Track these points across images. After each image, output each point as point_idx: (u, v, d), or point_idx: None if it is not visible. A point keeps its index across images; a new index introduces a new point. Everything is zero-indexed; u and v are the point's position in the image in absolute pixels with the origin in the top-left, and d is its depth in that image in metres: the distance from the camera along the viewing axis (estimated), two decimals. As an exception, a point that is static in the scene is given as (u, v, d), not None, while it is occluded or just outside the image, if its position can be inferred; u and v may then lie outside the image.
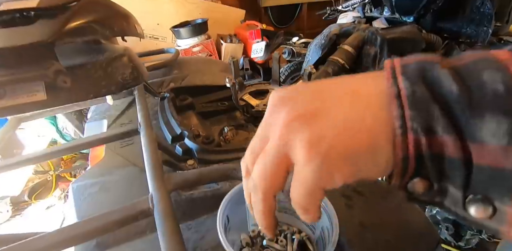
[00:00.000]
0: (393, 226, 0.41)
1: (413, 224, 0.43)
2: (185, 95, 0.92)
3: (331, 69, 1.00)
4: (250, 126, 0.89)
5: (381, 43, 0.96)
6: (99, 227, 0.36)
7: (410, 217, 0.44)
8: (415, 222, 0.44)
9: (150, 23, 2.54)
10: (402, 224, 0.42)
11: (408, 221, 0.43)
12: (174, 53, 1.17)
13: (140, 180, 0.55)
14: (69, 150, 0.55)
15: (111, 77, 0.57)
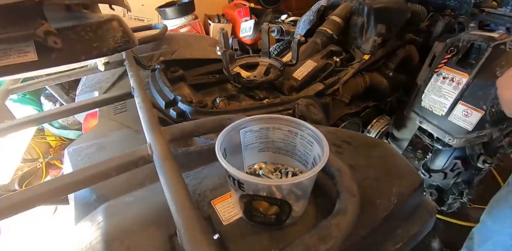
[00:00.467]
0: (379, 168, 0.44)
1: (398, 167, 0.46)
2: (177, 67, 0.92)
3: (319, 40, 1.01)
4: (242, 96, 0.90)
5: (368, 13, 0.97)
6: (100, 172, 0.37)
7: (395, 162, 0.47)
8: (399, 166, 0.47)
9: (134, 5, 2.46)
10: (388, 166, 0.45)
11: (393, 165, 0.46)
12: (162, 28, 1.15)
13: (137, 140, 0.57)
14: (63, 113, 0.56)
15: (102, 39, 0.56)
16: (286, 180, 0.26)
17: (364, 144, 0.50)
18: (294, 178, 0.25)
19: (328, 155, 0.29)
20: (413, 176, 0.45)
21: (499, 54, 1.00)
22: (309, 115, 0.65)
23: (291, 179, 0.25)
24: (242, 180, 0.27)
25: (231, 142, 0.35)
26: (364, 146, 0.49)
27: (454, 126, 1.04)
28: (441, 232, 1.33)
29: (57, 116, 0.55)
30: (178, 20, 2.20)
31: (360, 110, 1.08)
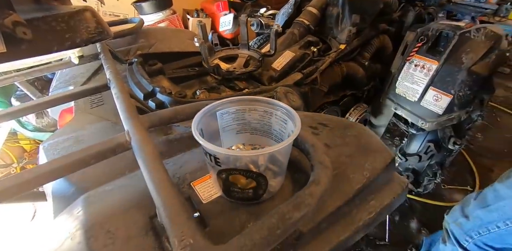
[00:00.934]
0: (354, 146, 0.46)
1: (371, 145, 0.49)
2: (155, 60, 0.91)
3: (297, 31, 1.02)
4: (222, 87, 0.91)
5: (342, 3, 1.00)
6: (78, 160, 0.37)
7: (369, 140, 0.50)
8: (372, 144, 0.49)
9: (109, 0, 2.38)
10: (362, 145, 0.47)
11: (367, 143, 0.49)
12: (138, 22, 1.13)
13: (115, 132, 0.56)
14: (36, 107, 0.54)
15: (75, 30, 0.55)
16: (257, 151, 0.27)
17: (340, 126, 0.52)
18: (266, 149, 0.27)
19: (300, 127, 0.30)
20: (384, 153, 0.48)
21: (464, 42, 1.06)
22: (288, 102, 0.67)
23: (262, 150, 0.27)
24: (217, 154, 0.28)
25: (208, 125, 0.36)
26: (339, 128, 0.51)
27: (426, 111, 1.09)
28: (418, 212, 1.41)
29: (29, 110, 0.54)
30: (155, 15, 2.15)
31: (338, 99, 1.12)
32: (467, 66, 1.03)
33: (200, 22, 0.96)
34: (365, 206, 0.38)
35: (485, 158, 1.76)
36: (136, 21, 1.14)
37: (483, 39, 1.08)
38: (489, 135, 1.95)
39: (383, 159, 0.45)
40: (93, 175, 0.47)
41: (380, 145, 0.50)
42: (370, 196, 0.40)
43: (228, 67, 0.96)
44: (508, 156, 1.79)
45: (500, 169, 1.69)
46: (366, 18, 1.05)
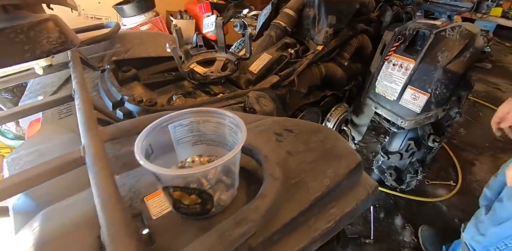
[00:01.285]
0: (318, 152, 0.46)
1: (337, 150, 0.49)
2: (129, 66, 0.90)
3: (274, 33, 1.02)
4: (198, 92, 0.90)
5: (318, 4, 1.00)
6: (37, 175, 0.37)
7: (335, 145, 0.50)
8: (338, 148, 0.49)
9: (90, 2, 2.33)
10: (326, 150, 0.47)
11: (332, 147, 0.49)
12: (114, 26, 1.11)
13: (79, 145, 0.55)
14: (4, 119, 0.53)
15: (35, 41, 0.54)
16: (190, 170, 0.27)
17: (306, 131, 0.52)
18: (199, 168, 0.26)
19: (244, 140, 0.30)
20: (350, 156, 0.48)
21: (440, 40, 1.07)
22: (259, 107, 0.67)
23: (194, 169, 0.26)
24: (152, 171, 0.27)
25: (160, 138, 0.35)
26: (305, 133, 0.51)
27: (405, 110, 1.11)
28: (402, 209, 1.43)
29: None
30: (138, 17, 2.12)
31: (318, 100, 1.12)
32: (442, 64, 1.04)
33: (175, 26, 0.95)
34: (324, 215, 0.38)
35: (468, 152, 1.80)
36: (112, 26, 1.12)
37: (457, 38, 1.09)
38: (471, 129, 1.99)
39: (347, 164, 0.46)
40: (56, 189, 0.47)
41: (346, 149, 0.50)
42: (331, 204, 0.40)
43: (205, 71, 0.96)
44: (490, 150, 1.82)
45: (482, 163, 1.72)
46: (342, 18, 1.05)
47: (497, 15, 3.37)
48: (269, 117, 0.60)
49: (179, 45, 0.95)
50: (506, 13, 3.32)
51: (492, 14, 3.40)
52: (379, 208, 1.43)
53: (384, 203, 1.45)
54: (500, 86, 2.52)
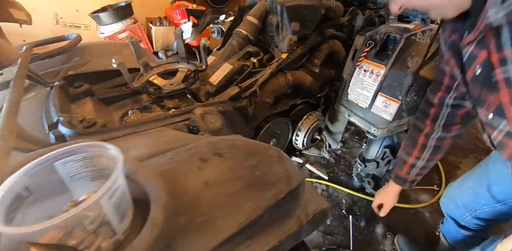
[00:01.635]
0: (244, 180, 0.42)
1: (268, 176, 0.45)
2: (81, 82, 0.86)
3: (235, 42, 0.99)
4: (154, 106, 0.87)
5: (281, 11, 0.96)
6: None
7: (268, 171, 0.46)
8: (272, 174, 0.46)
9: (68, 10, 2.30)
10: (255, 178, 0.44)
11: (263, 174, 0.45)
12: (73, 38, 1.07)
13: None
14: None
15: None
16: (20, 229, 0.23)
17: (240, 154, 0.48)
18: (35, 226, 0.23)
19: (116, 177, 0.27)
20: (282, 184, 0.45)
21: (410, 45, 1.04)
22: (204, 125, 0.63)
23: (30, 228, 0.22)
24: None
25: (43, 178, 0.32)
26: (237, 157, 0.47)
27: (377, 117, 1.07)
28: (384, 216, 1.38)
29: None
30: (115, 25, 2.08)
31: (288, 109, 1.08)
32: (412, 70, 1.00)
33: (132, 38, 0.92)
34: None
35: (452, 155, 1.76)
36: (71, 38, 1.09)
37: (428, 42, 1.06)
38: (457, 131, 1.95)
39: (274, 194, 0.42)
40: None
41: (281, 175, 0.46)
42: (245, 243, 0.36)
43: (165, 83, 0.92)
44: (474, 152, 1.79)
45: (466, 165, 1.69)
46: (307, 25, 1.02)
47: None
48: (205, 137, 0.57)
49: (137, 57, 0.91)
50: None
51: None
52: (359, 216, 1.39)
53: (365, 210, 1.41)
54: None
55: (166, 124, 0.66)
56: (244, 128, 0.88)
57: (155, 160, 0.47)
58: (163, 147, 0.53)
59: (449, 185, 1.01)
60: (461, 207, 0.93)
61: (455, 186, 0.98)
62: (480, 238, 0.95)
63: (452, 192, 0.98)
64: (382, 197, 0.96)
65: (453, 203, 0.96)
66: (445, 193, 1.02)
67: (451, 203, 0.98)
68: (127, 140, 0.58)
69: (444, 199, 1.02)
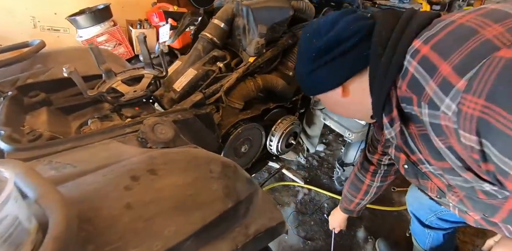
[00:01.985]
0: (170, 201, 0.40)
1: (200, 196, 0.42)
2: (37, 91, 0.83)
3: (201, 46, 0.96)
4: (115, 115, 0.83)
5: (247, 13, 0.93)
6: None
7: (202, 189, 0.44)
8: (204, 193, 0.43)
9: (45, 13, 2.24)
10: (185, 198, 0.41)
11: (197, 193, 0.42)
12: (35, 45, 1.03)
13: None
14: None
15: None
16: None
17: (177, 171, 0.45)
18: None
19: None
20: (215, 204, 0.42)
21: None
22: (153, 136, 0.60)
23: None
24: None
25: None
26: (171, 174, 0.44)
27: (351, 121, 1.05)
28: (366, 220, 1.37)
29: None
30: (93, 28, 2.04)
31: (260, 114, 1.05)
32: (384, 72, 0.98)
33: (91, 44, 0.88)
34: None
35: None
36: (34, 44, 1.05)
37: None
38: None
39: (204, 216, 0.39)
40: None
41: (218, 193, 0.44)
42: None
43: (129, 90, 0.89)
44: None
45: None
46: (276, 27, 0.99)
47: (469, 11, 3.34)
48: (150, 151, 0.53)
49: (98, 64, 0.88)
50: (478, 9, 3.27)
51: (465, 11, 3.36)
52: (341, 220, 1.36)
53: (347, 215, 1.39)
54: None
55: (115, 135, 0.62)
56: (208, 136, 0.85)
57: (83, 179, 0.44)
58: (101, 162, 0.50)
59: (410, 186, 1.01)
60: (425, 207, 0.92)
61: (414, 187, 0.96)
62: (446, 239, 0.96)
63: (417, 192, 0.96)
64: (337, 223, 1.06)
65: (418, 202, 0.95)
66: (410, 191, 1.00)
67: (416, 202, 0.96)
68: (67, 155, 0.55)
69: (409, 198, 1.00)
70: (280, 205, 1.42)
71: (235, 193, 0.45)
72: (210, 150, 0.93)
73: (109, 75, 0.91)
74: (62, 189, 0.43)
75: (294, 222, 1.34)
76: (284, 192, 1.49)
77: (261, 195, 0.57)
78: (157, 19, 1.96)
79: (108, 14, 2.09)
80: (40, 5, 2.20)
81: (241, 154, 1.07)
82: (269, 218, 0.51)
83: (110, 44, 2.09)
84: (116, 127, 0.64)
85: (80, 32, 2.08)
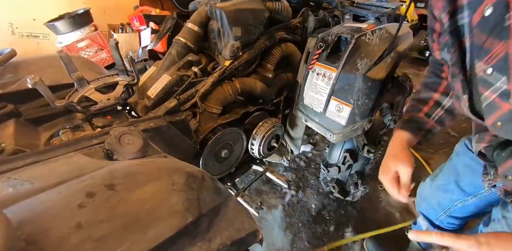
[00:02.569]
0: (125, 218, 0.38)
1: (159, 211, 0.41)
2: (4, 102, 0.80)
3: (175, 51, 0.94)
4: (86, 125, 0.81)
5: (220, 16, 0.92)
6: None
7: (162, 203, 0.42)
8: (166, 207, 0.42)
9: (24, 20, 2.19)
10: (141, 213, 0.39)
11: (156, 207, 0.41)
12: (5, 54, 1.00)
13: None
14: None
15: None
16: None
17: (135, 184, 0.44)
18: None
19: None
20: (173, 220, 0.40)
21: (360, 46, 1.01)
22: (120, 148, 0.58)
23: None
24: None
25: None
26: (130, 188, 0.43)
27: (332, 122, 1.04)
28: (354, 219, 1.37)
29: None
30: (73, 34, 2.00)
31: (240, 118, 1.04)
32: (362, 72, 0.98)
33: (60, 52, 0.86)
34: None
35: (422, 151, 1.76)
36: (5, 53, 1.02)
37: (377, 42, 1.04)
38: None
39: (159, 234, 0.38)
40: None
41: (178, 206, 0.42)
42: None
43: (102, 98, 0.87)
44: (444, 147, 1.79)
45: (435, 160, 1.69)
46: (251, 29, 0.98)
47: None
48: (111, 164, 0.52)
49: (69, 72, 0.86)
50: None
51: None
52: (329, 220, 1.36)
53: (335, 215, 1.39)
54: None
55: (81, 148, 0.60)
56: (184, 144, 0.83)
57: (38, 198, 0.42)
58: (60, 178, 0.48)
59: (420, 184, 0.98)
60: (435, 206, 0.90)
61: (425, 185, 0.94)
62: None
63: (424, 191, 0.95)
64: (393, 164, 0.62)
65: (426, 202, 0.93)
66: (417, 192, 0.98)
67: (424, 202, 0.95)
68: (26, 170, 0.53)
69: (417, 198, 0.98)
70: (267, 208, 1.41)
71: (197, 206, 0.44)
72: (187, 157, 0.92)
73: (81, 83, 0.88)
74: (14, 209, 0.41)
75: (282, 224, 1.33)
76: (271, 194, 1.48)
77: (232, 205, 0.56)
78: (137, 23, 1.93)
79: (88, 19, 2.05)
80: (18, 11, 2.15)
81: (221, 159, 1.05)
82: (237, 229, 0.50)
83: (92, 49, 2.05)
84: (82, 138, 0.62)
85: (60, 38, 2.03)
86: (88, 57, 2.07)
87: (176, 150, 0.83)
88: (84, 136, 0.64)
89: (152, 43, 1.85)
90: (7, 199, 0.44)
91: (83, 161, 0.54)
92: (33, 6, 2.18)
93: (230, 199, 0.56)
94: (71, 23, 1.95)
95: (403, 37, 1.09)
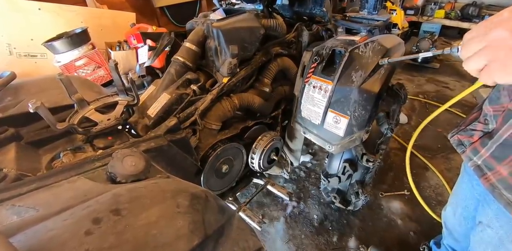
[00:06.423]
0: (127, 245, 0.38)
1: (165, 235, 0.41)
2: (5, 126, 0.81)
3: (173, 70, 0.96)
4: (88, 146, 0.82)
5: (217, 35, 0.95)
6: None
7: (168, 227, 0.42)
8: (171, 231, 0.42)
9: (22, 39, 2.22)
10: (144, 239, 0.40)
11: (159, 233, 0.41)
12: (5, 77, 1.02)
13: None
14: None
15: None
16: None
17: (141, 209, 0.44)
18: None
19: None
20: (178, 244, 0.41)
21: (354, 59, 1.04)
22: (123, 170, 0.59)
23: None
24: None
25: None
26: (136, 213, 0.43)
27: (330, 134, 1.05)
28: (357, 229, 1.36)
29: None
30: (71, 53, 2.02)
31: (239, 132, 1.05)
32: (357, 85, 1.00)
33: (60, 75, 0.87)
34: None
35: (419, 156, 1.77)
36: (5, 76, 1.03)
37: (370, 55, 1.06)
38: (423, 132, 1.97)
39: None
40: None
41: (183, 230, 0.42)
42: None
43: (102, 118, 0.87)
44: (442, 151, 1.81)
45: (434, 166, 1.70)
46: (247, 46, 1.00)
47: (440, 17, 3.53)
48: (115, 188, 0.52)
49: (69, 94, 0.87)
50: (449, 14, 3.47)
51: (437, 16, 3.56)
52: (332, 231, 1.35)
53: (337, 224, 1.38)
54: (449, 85, 2.56)
55: (84, 171, 0.61)
56: (185, 161, 0.84)
57: (43, 225, 0.42)
58: (65, 204, 0.48)
59: (443, 212, 0.96)
60: (461, 238, 0.86)
61: (449, 216, 0.90)
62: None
63: (449, 222, 0.92)
64: None
65: (452, 237, 0.90)
66: (443, 224, 0.96)
67: (450, 237, 0.92)
68: (30, 197, 0.53)
69: (445, 232, 0.95)
70: (270, 220, 1.40)
71: (202, 227, 0.44)
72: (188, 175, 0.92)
73: (81, 104, 0.89)
74: (21, 238, 0.41)
75: (284, 237, 1.32)
76: (272, 207, 1.47)
77: (236, 223, 0.56)
78: (135, 41, 1.96)
79: (86, 38, 2.09)
80: (16, 32, 2.18)
81: (222, 175, 1.05)
82: (243, 249, 0.50)
83: (89, 67, 2.08)
84: (85, 161, 0.63)
85: (58, 57, 2.06)
86: (86, 75, 2.10)
87: (178, 168, 0.84)
88: (87, 159, 0.64)
89: (150, 59, 1.87)
90: (12, 227, 0.44)
91: (87, 186, 0.55)
92: (30, 26, 2.21)
93: (234, 218, 0.57)
94: (69, 42, 1.98)
95: (394, 48, 1.12)
